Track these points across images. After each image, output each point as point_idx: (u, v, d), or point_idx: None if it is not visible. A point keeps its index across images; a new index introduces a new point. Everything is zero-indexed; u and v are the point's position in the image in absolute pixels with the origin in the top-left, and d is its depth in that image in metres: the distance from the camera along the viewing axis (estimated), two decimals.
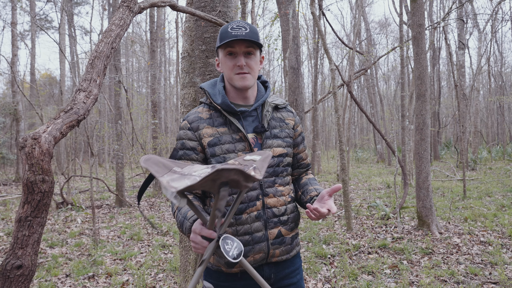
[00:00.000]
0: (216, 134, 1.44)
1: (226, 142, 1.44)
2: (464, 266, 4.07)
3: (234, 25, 1.42)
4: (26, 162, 1.04)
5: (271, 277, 1.48)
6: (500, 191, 8.86)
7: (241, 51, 1.43)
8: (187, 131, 1.47)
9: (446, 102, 27.18)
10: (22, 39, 20.96)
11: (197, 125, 1.46)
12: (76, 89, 1.32)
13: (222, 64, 1.48)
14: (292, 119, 1.60)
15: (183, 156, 1.46)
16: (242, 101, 1.51)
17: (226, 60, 1.46)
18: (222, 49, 1.45)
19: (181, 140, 1.47)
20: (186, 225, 1.32)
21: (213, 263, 1.48)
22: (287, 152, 1.52)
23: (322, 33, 6.19)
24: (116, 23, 1.44)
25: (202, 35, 3.00)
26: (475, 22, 19.39)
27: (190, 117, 1.50)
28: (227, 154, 1.42)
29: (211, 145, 1.44)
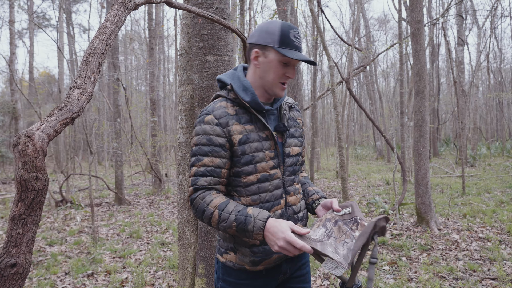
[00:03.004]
0: (244, 132, 1.40)
1: (254, 140, 1.41)
2: (463, 262, 4.08)
3: (295, 33, 1.38)
4: (19, 160, 1.04)
5: (287, 272, 1.53)
6: (499, 187, 8.86)
7: (294, 63, 1.42)
8: (215, 126, 1.38)
9: (445, 99, 27.18)
10: (20, 37, 20.91)
11: (226, 121, 1.39)
12: (70, 86, 1.31)
13: (271, 67, 1.40)
14: (301, 119, 1.63)
15: (210, 153, 1.38)
16: (265, 100, 1.50)
17: (278, 65, 1.39)
18: (278, 55, 1.38)
19: (207, 136, 1.38)
20: (257, 223, 1.28)
21: (235, 262, 1.46)
22: (300, 151, 1.56)
23: (321, 30, 6.17)
24: (111, 19, 1.43)
25: (199, 32, 2.99)
26: (474, 18, 19.35)
27: (216, 111, 1.41)
28: (255, 153, 1.41)
29: (241, 143, 1.39)
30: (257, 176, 1.41)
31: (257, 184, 1.42)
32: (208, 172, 1.38)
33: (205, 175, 1.38)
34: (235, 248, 1.46)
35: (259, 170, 1.41)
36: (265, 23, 1.43)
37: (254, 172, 1.41)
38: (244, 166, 1.40)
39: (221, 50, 2.98)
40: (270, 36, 1.38)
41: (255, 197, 1.42)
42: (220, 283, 1.53)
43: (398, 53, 11.23)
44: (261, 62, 1.42)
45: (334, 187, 10.49)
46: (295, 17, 7.58)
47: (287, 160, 1.49)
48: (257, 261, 1.44)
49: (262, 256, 1.43)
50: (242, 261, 1.45)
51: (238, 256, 1.45)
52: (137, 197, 9.89)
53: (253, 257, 1.43)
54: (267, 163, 1.42)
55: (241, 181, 1.42)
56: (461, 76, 13.98)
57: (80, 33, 30.27)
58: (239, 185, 1.42)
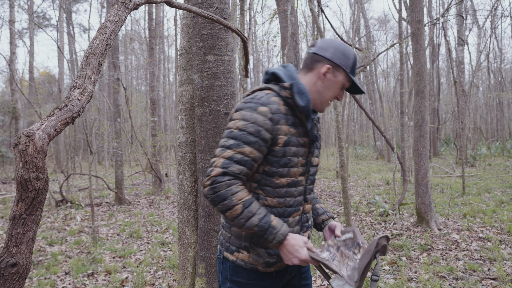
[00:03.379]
0: (289, 134, 1.39)
1: (294, 144, 1.40)
2: (463, 262, 4.08)
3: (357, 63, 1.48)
4: (20, 160, 1.04)
5: (293, 272, 1.57)
6: (499, 187, 8.86)
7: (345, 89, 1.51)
8: (268, 120, 1.34)
9: (445, 99, 27.17)
10: (21, 37, 20.92)
11: (278, 119, 1.36)
12: (71, 86, 1.32)
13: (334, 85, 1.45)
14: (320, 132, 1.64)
15: (254, 144, 1.32)
16: None
17: (339, 87, 1.46)
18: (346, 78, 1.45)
19: (256, 126, 1.32)
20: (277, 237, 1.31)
21: (248, 261, 1.44)
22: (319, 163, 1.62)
23: (321, 30, 6.17)
24: (111, 19, 1.43)
25: (200, 32, 2.99)
26: (475, 18, 19.35)
27: (272, 105, 1.36)
28: (292, 157, 1.40)
29: (286, 144, 1.38)
30: (288, 180, 1.42)
31: (286, 188, 1.42)
32: (244, 162, 1.31)
33: (240, 163, 1.31)
34: (250, 247, 1.44)
35: (291, 174, 1.42)
36: (340, 44, 1.45)
37: (287, 176, 1.41)
38: (280, 167, 1.40)
39: (221, 50, 2.98)
40: (346, 60, 1.43)
41: (281, 200, 1.42)
42: (228, 284, 1.49)
43: (398, 53, 11.23)
44: (328, 78, 1.44)
45: (334, 187, 10.49)
46: (295, 17, 7.58)
47: (311, 169, 1.51)
48: (271, 263, 1.44)
49: (277, 259, 1.44)
50: (256, 261, 1.44)
51: (252, 255, 1.44)
52: (137, 197, 9.90)
53: (268, 258, 1.43)
54: (298, 169, 1.43)
55: (274, 181, 1.40)
56: (461, 76, 13.98)
57: (80, 33, 30.26)
58: (269, 184, 1.40)
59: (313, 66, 1.45)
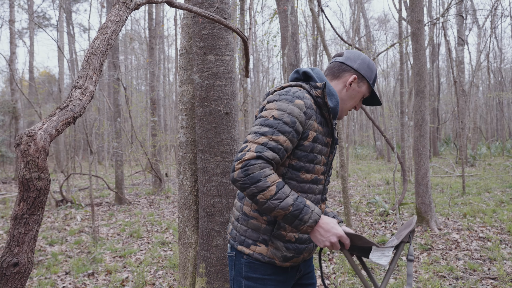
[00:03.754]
0: (318, 131, 1.44)
1: (320, 142, 1.45)
2: (463, 262, 4.08)
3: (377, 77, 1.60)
4: (21, 160, 1.04)
5: (301, 270, 1.60)
6: (499, 187, 8.87)
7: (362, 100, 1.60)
8: (302, 114, 1.38)
9: (445, 98, 27.18)
10: (21, 37, 20.91)
11: (311, 114, 1.41)
12: (72, 86, 1.32)
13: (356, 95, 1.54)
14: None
15: (289, 134, 1.34)
16: None
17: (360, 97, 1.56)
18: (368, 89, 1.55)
19: (293, 117, 1.35)
20: (313, 216, 1.32)
21: (266, 254, 1.44)
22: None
23: (321, 30, 6.17)
24: (112, 19, 1.43)
25: (200, 32, 2.99)
26: (475, 18, 19.35)
27: (306, 100, 1.41)
28: (318, 155, 1.45)
29: (315, 140, 1.42)
30: (312, 176, 1.46)
31: (309, 184, 1.46)
32: (278, 150, 1.33)
33: (274, 150, 1.32)
34: (270, 240, 1.43)
35: (315, 171, 1.46)
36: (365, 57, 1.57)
37: (312, 172, 1.45)
38: (308, 162, 1.43)
39: (221, 49, 2.98)
40: (370, 73, 1.54)
41: (303, 195, 1.45)
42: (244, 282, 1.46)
43: (398, 52, 11.23)
44: (353, 88, 1.53)
45: (334, 186, 10.49)
46: (295, 17, 7.58)
47: (330, 170, 1.57)
48: (288, 257, 1.46)
49: (294, 254, 1.46)
50: (274, 255, 1.44)
51: (270, 249, 1.44)
52: (137, 197, 9.90)
53: (286, 252, 1.44)
54: (320, 167, 1.48)
55: (300, 176, 1.43)
56: (461, 75, 13.98)
57: (80, 32, 30.27)
58: (295, 178, 1.43)
59: (340, 74, 1.54)
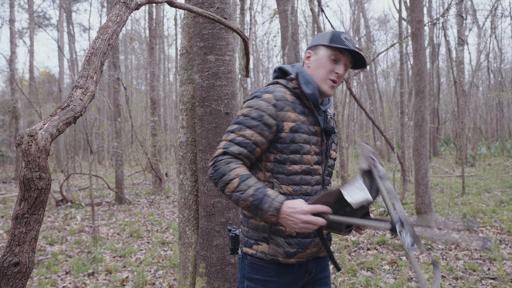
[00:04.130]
0: (298, 121, 1.42)
1: (304, 131, 1.43)
2: (463, 262, 4.08)
3: (347, 36, 1.45)
4: (22, 159, 1.04)
5: (312, 271, 1.52)
6: (499, 187, 8.87)
7: (344, 62, 1.46)
8: (271, 106, 1.40)
9: (445, 99, 27.18)
10: (21, 37, 20.90)
11: (283, 106, 1.41)
12: (72, 86, 1.32)
13: (320, 63, 1.47)
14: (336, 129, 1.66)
15: (256, 128, 1.37)
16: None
17: (327, 61, 1.45)
18: (328, 50, 1.45)
19: (260, 111, 1.39)
20: (273, 204, 1.27)
21: (268, 252, 1.42)
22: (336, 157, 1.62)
23: (321, 30, 6.17)
24: (113, 19, 1.43)
25: (200, 32, 2.99)
26: (475, 18, 19.35)
27: (276, 93, 1.43)
28: (304, 144, 1.42)
29: (293, 130, 1.41)
30: (302, 167, 1.42)
31: (300, 175, 1.43)
32: (245, 144, 1.37)
33: (240, 144, 1.37)
34: (269, 237, 1.43)
35: (304, 161, 1.43)
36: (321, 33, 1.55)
37: (300, 163, 1.42)
38: (291, 154, 1.41)
39: (222, 49, 2.98)
40: (322, 37, 1.48)
41: (296, 188, 1.42)
42: (246, 282, 1.47)
43: (398, 53, 11.23)
44: (312, 60, 1.50)
45: (334, 186, 10.48)
46: (295, 17, 7.59)
47: (328, 161, 1.53)
48: (291, 253, 1.42)
49: (297, 249, 1.42)
50: (276, 252, 1.42)
51: (272, 246, 1.42)
52: (137, 197, 9.90)
53: (288, 248, 1.41)
54: (312, 156, 1.44)
55: (286, 168, 1.42)
56: (461, 76, 13.99)
57: (80, 32, 30.26)
58: (283, 172, 1.42)
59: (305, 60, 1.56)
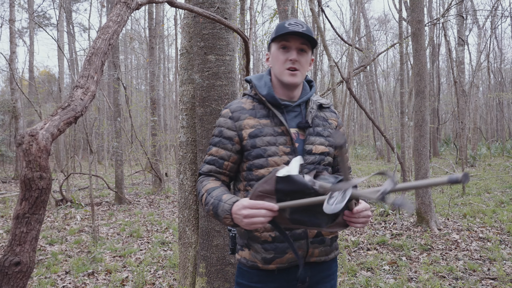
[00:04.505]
0: (258, 126, 1.42)
1: (267, 134, 1.41)
2: (463, 262, 4.08)
3: (292, 22, 1.40)
4: (23, 159, 1.04)
5: (306, 280, 1.45)
6: (499, 187, 8.87)
7: (295, 46, 1.42)
8: (228, 119, 1.45)
9: (445, 99, 27.19)
10: (21, 36, 20.90)
11: (239, 116, 1.44)
12: (73, 85, 1.32)
13: (274, 58, 1.46)
14: (335, 120, 1.58)
15: (218, 143, 1.44)
16: (287, 97, 1.50)
17: (278, 53, 1.44)
18: (276, 43, 1.44)
19: (219, 128, 1.46)
20: (224, 207, 1.29)
21: (249, 258, 1.44)
22: (329, 151, 1.50)
23: (321, 30, 6.18)
24: (114, 19, 1.43)
25: (201, 32, 2.99)
26: (475, 18, 19.36)
27: (233, 106, 1.48)
28: (268, 147, 1.40)
29: (252, 136, 1.41)
30: (268, 170, 1.40)
31: None
32: (213, 161, 1.46)
33: (209, 163, 1.46)
34: (249, 244, 1.44)
35: (270, 164, 1.40)
36: None
37: (265, 166, 1.40)
38: (255, 159, 1.41)
39: (222, 49, 2.98)
40: (273, 35, 1.46)
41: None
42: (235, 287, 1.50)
43: (399, 53, 11.23)
44: (270, 60, 1.51)
45: None
46: (295, 17, 7.59)
47: (307, 157, 1.44)
48: (269, 259, 1.41)
49: (274, 254, 1.40)
50: (255, 258, 1.42)
51: (251, 252, 1.43)
52: (137, 197, 9.90)
53: (264, 254, 1.41)
54: (280, 157, 1.40)
55: (253, 174, 1.42)
56: (461, 76, 13.98)
57: (80, 32, 30.25)
58: (252, 178, 1.43)
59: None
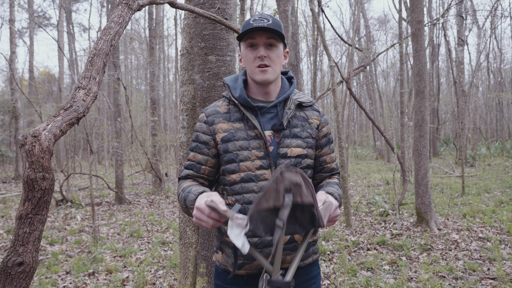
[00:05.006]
0: (231, 130, 1.39)
1: (240, 138, 1.37)
2: (463, 262, 4.09)
3: (256, 17, 1.36)
4: (26, 160, 1.05)
5: None
6: (499, 187, 8.88)
7: (262, 42, 1.36)
8: (203, 124, 1.44)
9: (445, 99, 27.19)
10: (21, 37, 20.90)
11: (213, 119, 1.42)
12: (75, 86, 1.33)
13: (244, 57, 1.42)
14: (317, 119, 1.50)
15: (195, 149, 1.44)
16: (263, 96, 1.44)
17: (247, 52, 1.39)
18: (243, 42, 1.40)
19: (196, 132, 1.46)
20: (190, 197, 1.30)
21: (221, 262, 1.44)
22: (307, 153, 1.42)
23: (321, 30, 6.18)
24: (115, 20, 1.44)
25: (201, 32, 3.00)
26: (475, 19, 19.37)
27: (208, 110, 1.47)
28: (240, 151, 1.36)
29: (225, 140, 1.38)
30: (240, 175, 1.37)
31: (240, 184, 1.37)
32: (191, 166, 1.45)
33: (187, 168, 1.46)
34: (221, 247, 1.44)
35: (242, 169, 1.36)
36: None
37: (237, 171, 1.37)
38: (227, 164, 1.39)
39: (222, 50, 2.99)
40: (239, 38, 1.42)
41: (238, 197, 1.37)
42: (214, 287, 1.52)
43: (398, 53, 11.24)
44: (242, 60, 1.46)
45: None
46: (295, 17, 7.59)
47: (282, 161, 1.37)
48: (238, 264, 1.37)
49: (244, 260, 1.37)
50: (226, 262, 1.42)
51: (224, 256, 1.43)
52: (137, 197, 9.90)
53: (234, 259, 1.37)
54: (253, 162, 1.36)
55: (226, 179, 1.40)
56: (461, 76, 14.00)
57: (80, 32, 30.25)
58: (225, 183, 1.41)
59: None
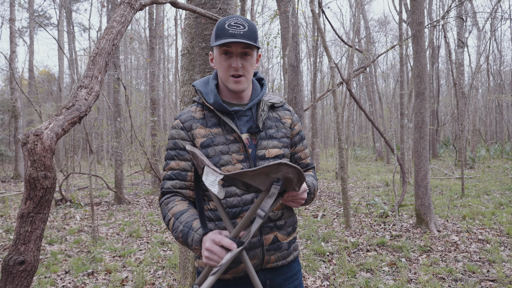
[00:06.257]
0: (210, 135, 1.38)
1: (219, 143, 1.37)
2: (462, 264, 4.09)
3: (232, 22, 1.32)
4: (28, 159, 1.05)
5: (266, 283, 1.44)
6: (498, 189, 8.88)
7: (237, 52, 1.34)
8: (180, 130, 1.40)
9: (445, 101, 27.21)
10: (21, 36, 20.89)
11: (190, 125, 1.40)
12: (77, 85, 1.33)
13: (217, 62, 1.40)
14: (289, 118, 1.52)
15: (176, 156, 1.40)
16: (236, 100, 1.45)
17: (221, 59, 1.37)
18: (217, 47, 1.37)
19: (173, 140, 1.41)
20: (194, 237, 1.24)
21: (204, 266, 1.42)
22: (284, 153, 1.45)
23: (322, 31, 6.19)
24: (117, 20, 1.44)
25: (202, 32, 3.00)
26: (475, 21, 19.39)
27: (183, 116, 1.43)
28: (222, 155, 1.37)
29: (204, 146, 1.37)
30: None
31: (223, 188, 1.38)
32: (174, 175, 1.39)
33: (171, 178, 1.39)
34: None
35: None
36: None
37: None
38: None
39: None
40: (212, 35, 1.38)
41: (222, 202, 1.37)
42: None
43: (398, 54, 11.25)
44: (214, 62, 1.43)
45: (333, 188, 10.50)
46: (296, 18, 7.60)
47: (260, 163, 1.40)
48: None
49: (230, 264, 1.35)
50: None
51: None
52: (136, 197, 9.90)
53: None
54: (234, 166, 1.36)
55: None
56: (461, 78, 14.01)
57: (80, 32, 30.23)
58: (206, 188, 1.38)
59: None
